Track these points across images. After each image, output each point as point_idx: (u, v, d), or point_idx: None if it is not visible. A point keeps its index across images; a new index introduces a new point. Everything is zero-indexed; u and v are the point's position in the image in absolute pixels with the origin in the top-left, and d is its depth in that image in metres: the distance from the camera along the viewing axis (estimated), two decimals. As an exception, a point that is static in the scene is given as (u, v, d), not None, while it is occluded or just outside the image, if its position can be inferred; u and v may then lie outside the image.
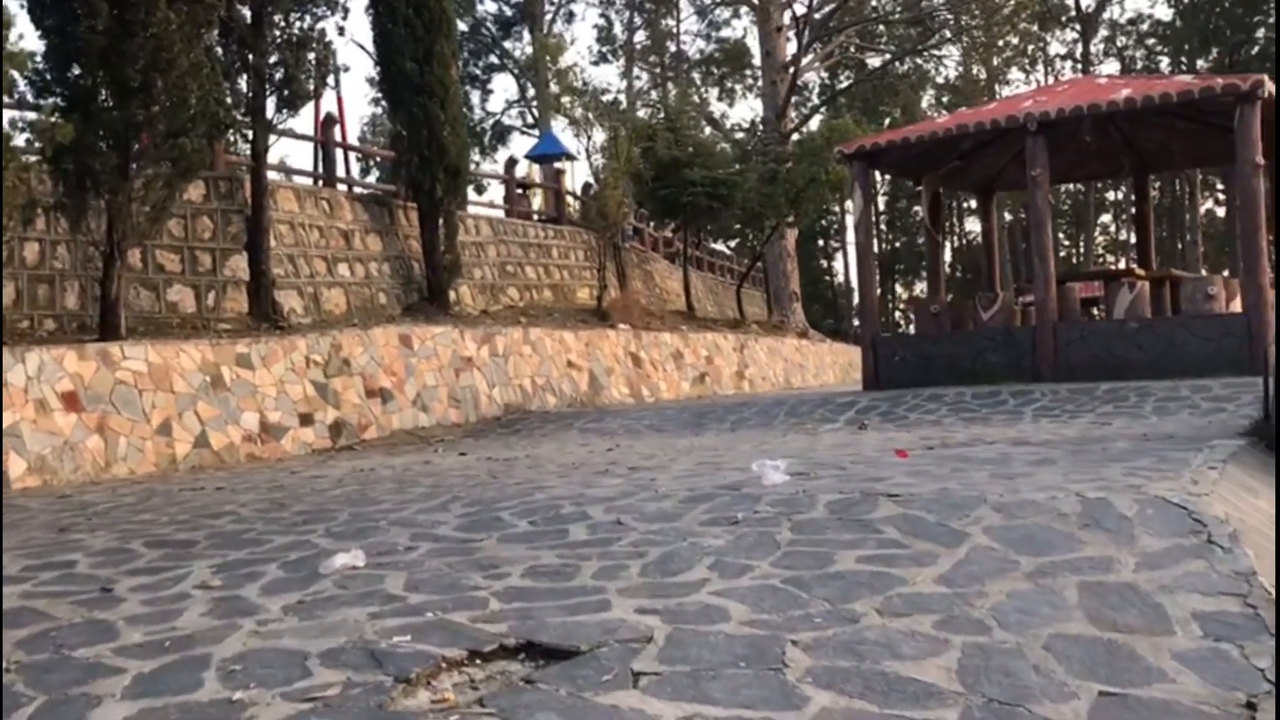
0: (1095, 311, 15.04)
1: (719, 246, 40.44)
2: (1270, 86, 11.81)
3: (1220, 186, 57.38)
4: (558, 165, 24.09)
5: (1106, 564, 3.81)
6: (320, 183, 16.57)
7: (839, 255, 68.19)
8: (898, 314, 68.28)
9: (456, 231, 16.61)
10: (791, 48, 31.13)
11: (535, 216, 21.28)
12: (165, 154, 10.72)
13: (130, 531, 5.73)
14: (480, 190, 36.19)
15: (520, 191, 21.53)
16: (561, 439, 12.24)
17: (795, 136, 29.99)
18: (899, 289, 70.71)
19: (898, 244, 65.99)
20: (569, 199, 23.16)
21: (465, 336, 14.90)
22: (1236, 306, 12.87)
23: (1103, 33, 54.70)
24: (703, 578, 4.02)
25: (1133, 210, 61.39)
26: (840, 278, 72.09)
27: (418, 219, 16.30)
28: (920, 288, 75.21)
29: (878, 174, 25.02)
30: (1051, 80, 56.60)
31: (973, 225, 69.45)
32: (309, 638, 3.56)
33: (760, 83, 33.83)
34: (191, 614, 3.95)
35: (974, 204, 53.74)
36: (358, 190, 17.45)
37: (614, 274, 20.32)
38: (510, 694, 3.04)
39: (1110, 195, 59.69)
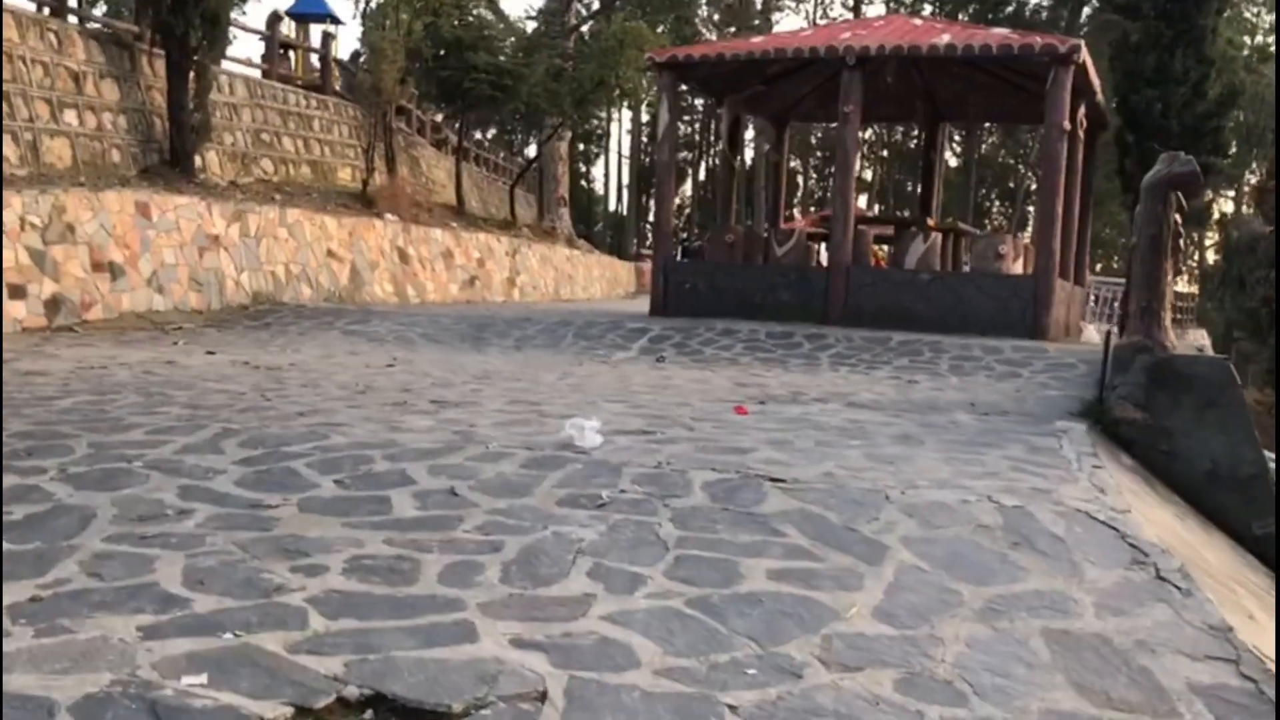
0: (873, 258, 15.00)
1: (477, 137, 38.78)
2: (1085, 53, 11.82)
3: (958, 138, 60.45)
4: (324, 29, 21.93)
5: (1062, 603, 3.25)
6: (48, 11, 14.16)
7: (599, 161, 67.68)
8: (649, 231, 68.67)
9: (210, 89, 14.66)
10: (583, -62, 29.74)
11: (305, 83, 19.24)
12: None
13: None
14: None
15: (281, 52, 19.40)
16: (324, 341, 10.98)
17: (576, 34, 28.79)
18: (652, 204, 71.07)
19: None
20: (334, 68, 21.16)
21: (213, 211, 13.16)
22: (1018, 268, 13.06)
23: (876, -28, 55.93)
24: (586, 591, 3.18)
25: (883, 153, 63.37)
26: (598, 185, 71.64)
27: (165, 69, 14.22)
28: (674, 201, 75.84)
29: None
30: (821, 15, 57.53)
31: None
32: (54, 671, 2.49)
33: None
34: None
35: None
36: (93, 26, 15.04)
37: (382, 157, 18.71)
38: (368, 797, 2.13)
39: (862, 135, 61.70)
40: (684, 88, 16.57)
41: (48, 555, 3.24)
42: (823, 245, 14.63)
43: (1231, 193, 48.89)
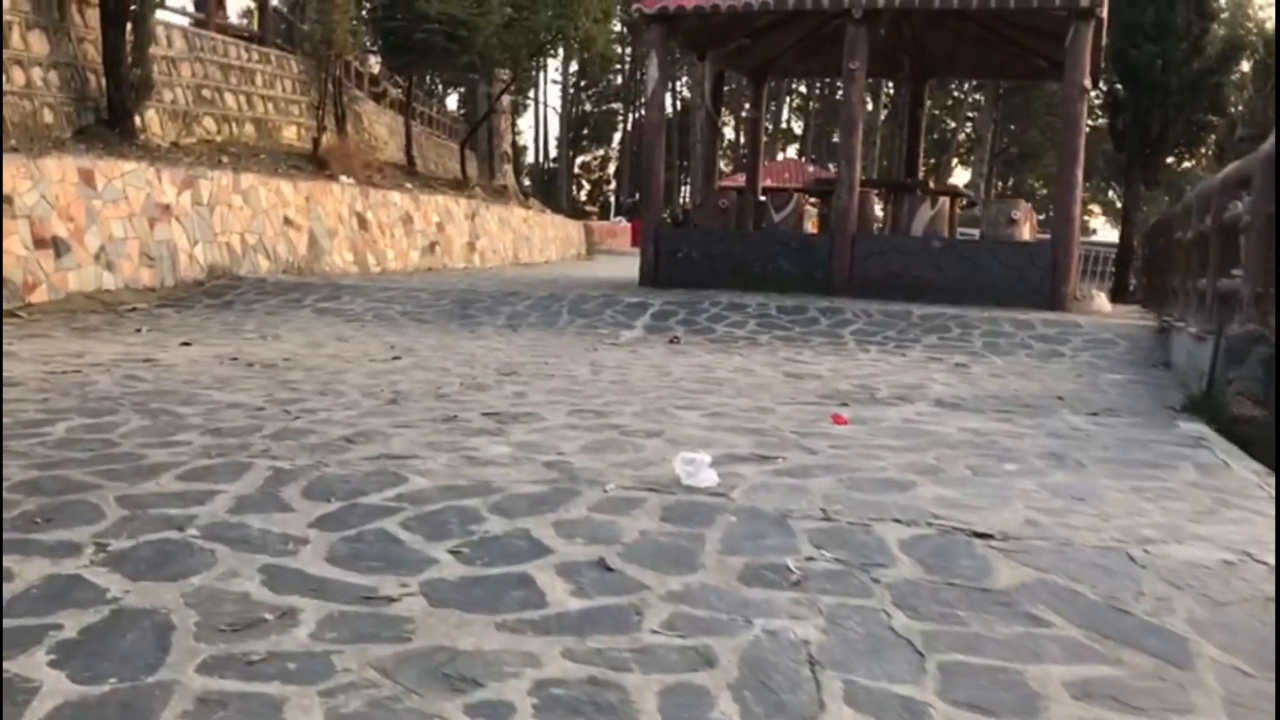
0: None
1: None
2: (1105, 10, 11.21)
3: (888, 89, 59.90)
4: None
5: None
6: (-36, -47, 12.72)
7: (525, 113, 66.06)
8: (581, 187, 67.44)
9: (149, 41, 13.37)
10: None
11: (246, 35, 17.87)
12: None
13: None
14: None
15: (220, 1, 18.00)
16: (300, 324, 10.02)
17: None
18: (582, 157, 69.77)
19: (589, 108, 64.67)
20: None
21: (162, 178, 11.99)
22: (1026, 233, 12.51)
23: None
24: (861, 733, 2.43)
25: (812, 105, 62.40)
26: (522, 138, 69.97)
27: (99, 19, 12.92)
28: (599, 153, 74.70)
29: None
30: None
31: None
32: None
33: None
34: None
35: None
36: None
37: (332, 115, 17.49)
38: None
39: (798, 85, 60.85)
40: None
41: (136, 705, 2.38)
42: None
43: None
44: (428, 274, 15.64)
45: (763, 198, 13.73)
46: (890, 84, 56.08)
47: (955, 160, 60.37)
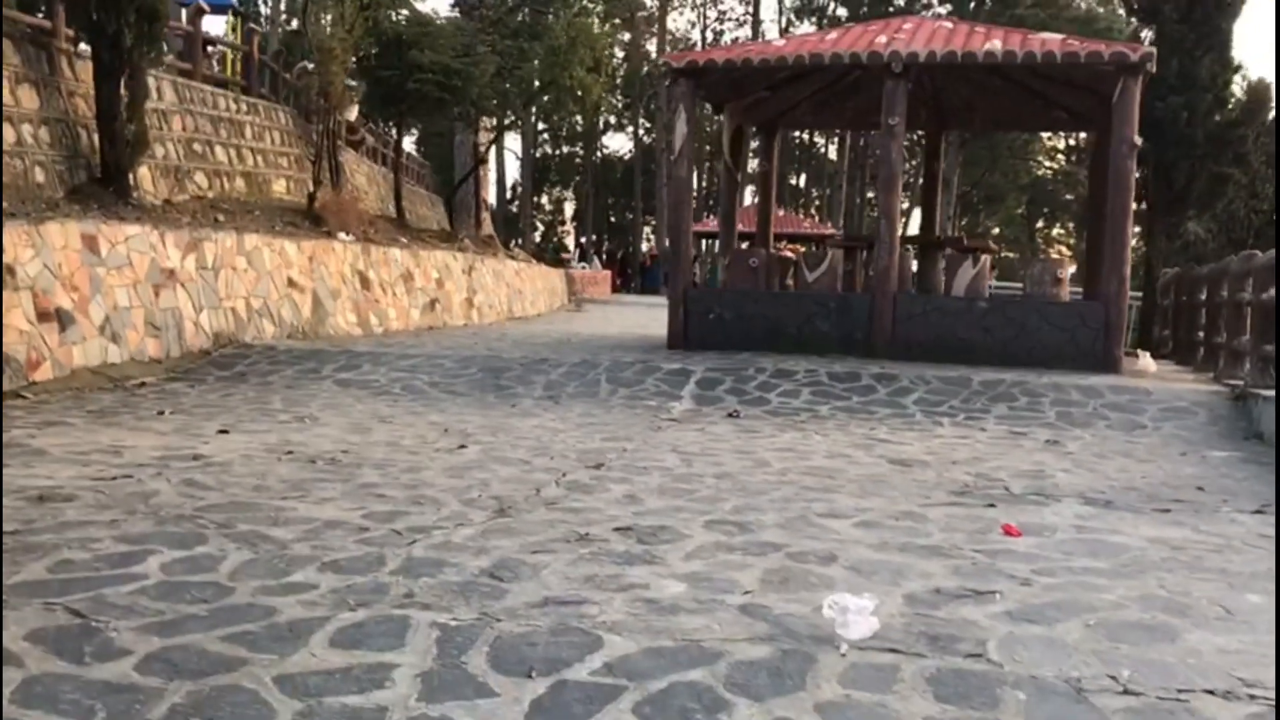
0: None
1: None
2: (1154, 64, 10.95)
3: (837, 134, 60.09)
4: (249, 25, 19.81)
5: None
6: (-50, 4, 11.97)
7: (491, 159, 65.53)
8: (538, 227, 66.95)
9: (145, 96, 12.69)
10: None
11: (239, 86, 17.17)
12: None
13: None
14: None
15: (206, 51, 17.30)
16: (329, 400, 9.36)
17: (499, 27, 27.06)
18: (545, 201, 69.38)
19: (550, 150, 64.36)
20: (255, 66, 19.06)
21: (166, 241, 11.29)
22: (1064, 292, 12.16)
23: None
24: None
25: (864, 165, 62.33)
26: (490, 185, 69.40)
27: (93, 73, 12.21)
28: (554, 194, 74.20)
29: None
30: (715, 14, 56.80)
31: (614, 143, 69.11)
32: None
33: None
34: None
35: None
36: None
37: (327, 167, 16.84)
38: None
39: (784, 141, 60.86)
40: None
41: None
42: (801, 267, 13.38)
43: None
44: (431, 333, 15.00)
45: (787, 253, 13.35)
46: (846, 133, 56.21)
47: (907, 203, 60.67)
